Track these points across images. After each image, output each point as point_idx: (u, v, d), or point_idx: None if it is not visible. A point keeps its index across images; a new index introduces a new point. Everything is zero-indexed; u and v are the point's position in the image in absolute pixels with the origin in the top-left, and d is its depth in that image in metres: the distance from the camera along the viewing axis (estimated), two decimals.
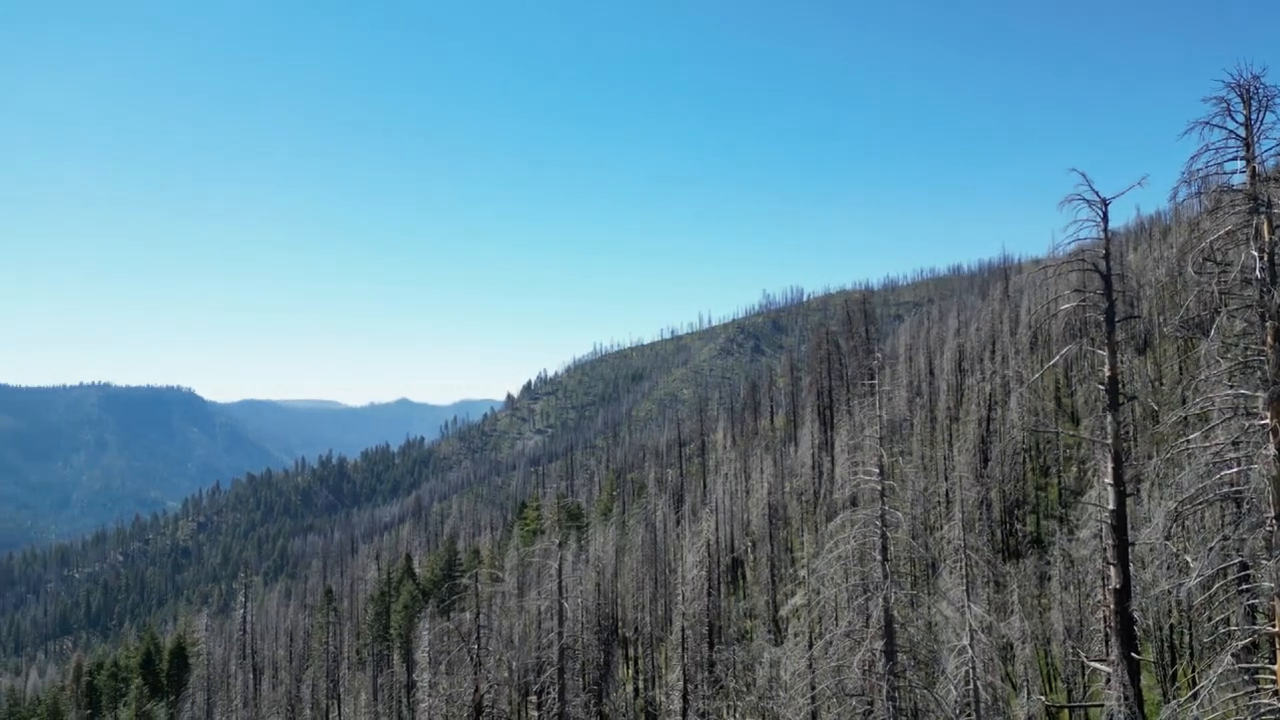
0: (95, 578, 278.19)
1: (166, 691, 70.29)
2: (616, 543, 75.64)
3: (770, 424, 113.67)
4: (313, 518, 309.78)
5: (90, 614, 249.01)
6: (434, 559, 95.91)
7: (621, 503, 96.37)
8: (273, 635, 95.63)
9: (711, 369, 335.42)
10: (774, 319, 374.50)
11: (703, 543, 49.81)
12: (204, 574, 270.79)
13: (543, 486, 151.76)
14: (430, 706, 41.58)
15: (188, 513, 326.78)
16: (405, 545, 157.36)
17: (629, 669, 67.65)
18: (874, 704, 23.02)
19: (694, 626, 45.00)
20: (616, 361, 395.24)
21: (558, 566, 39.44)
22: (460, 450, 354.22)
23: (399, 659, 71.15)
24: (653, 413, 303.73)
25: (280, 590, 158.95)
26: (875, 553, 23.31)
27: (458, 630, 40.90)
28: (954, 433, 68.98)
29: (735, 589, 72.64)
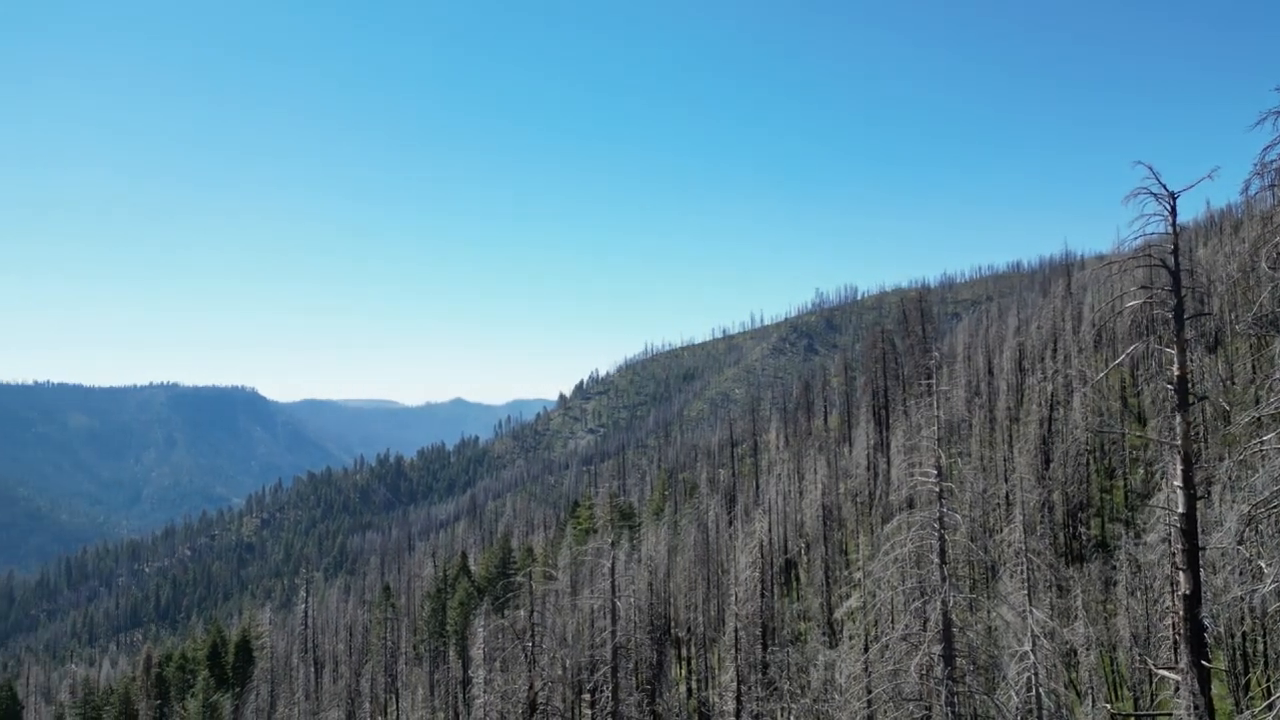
0: (164, 572, 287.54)
1: (232, 683, 72.31)
2: (669, 542, 75.60)
3: (824, 424, 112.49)
4: (371, 515, 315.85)
5: (160, 607, 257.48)
6: (488, 556, 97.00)
7: (673, 502, 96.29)
8: (333, 630, 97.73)
9: (764, 368, 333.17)
10: (827, 318, 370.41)
11: (755, 543, 49.51)
12: (267, 569, 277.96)
13: (595, 485, 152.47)
14: (486, 703, 42.09)
15: (251, 509, 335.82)
16: (460, 543, 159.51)
17: (682, 669, 67.58)
18: (932, 709, 22.65)
19: (747, 627, 44.76)
20: (668, 361, 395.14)
21: (610, 565, 39.63)
22: (513, 449, 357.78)
23: (455, 655, 72.10)
24: (704, 412, 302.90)
25: (340, 586, 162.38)
26: (933, 555, 22.92)
27: (512, 627, 41.32)
28: (1014, 433, 67.45)
29: (789, 590, 72.05)
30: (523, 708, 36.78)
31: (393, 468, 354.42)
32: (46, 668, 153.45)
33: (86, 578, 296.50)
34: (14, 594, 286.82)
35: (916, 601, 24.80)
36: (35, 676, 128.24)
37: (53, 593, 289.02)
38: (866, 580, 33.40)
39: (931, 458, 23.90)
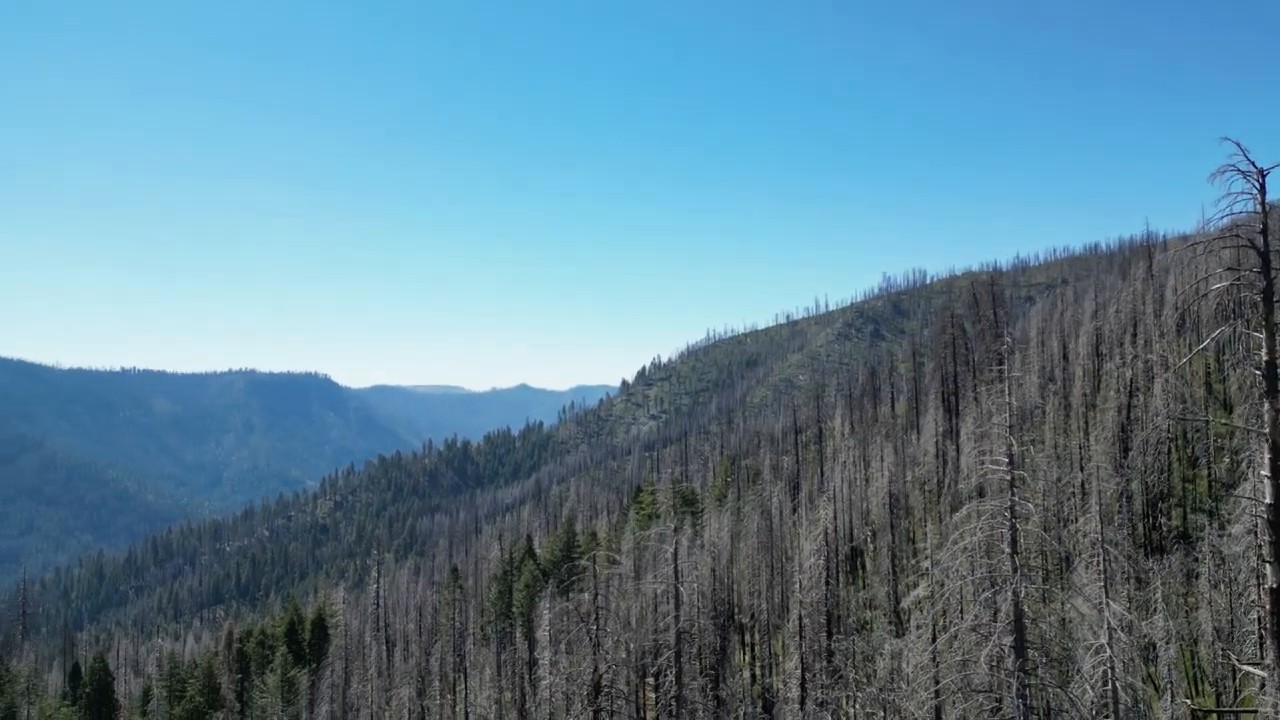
0: (244, 551, 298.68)
1: (309, 659, 74.84)
2: (731, 529, 75.47)
3: (890, 411, 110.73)
4: (439, 498, 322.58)
5: (240, 585, 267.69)
6: (553, 540, 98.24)
7: (736, 489, 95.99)
8: (403, 610, 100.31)
9: (828, 354, 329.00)
10: (894, 302, 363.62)
11: (820, 531, 49.09)
12: (340, 550, 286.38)
13: (657, 471, 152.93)
14: (551, 684, 42.76)
15: (325, 492, 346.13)
16: (526, 526, 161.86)
17: (745, 655, 67.56)
18: (1002, 701, 22.22)
19: (812, 615, 44.48)
20: (730, 347, 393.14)
21: (673, 551, 39.76)
22: (577, 434, 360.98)
23: (521, 636, 73.32)
24: (767, 399, 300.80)
25: (410, 567, 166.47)
26: (1004, 545, 22.42)
27: (577, 610, 41.81)
28: (1090, 421, 65.41)
29: (854, 579, 71.32)
30: (588, 690, 37.24)
31: (460, 452, 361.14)
32: (135, 641, 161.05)
33: (172, 556, 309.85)
34: (104, 571, 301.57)
35: (986, 592, 24.32)
36: (125, 649, 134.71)
37: (140, 570, 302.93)
38: (934, 569, 32.86)
39: (1003, 445, 23.34)
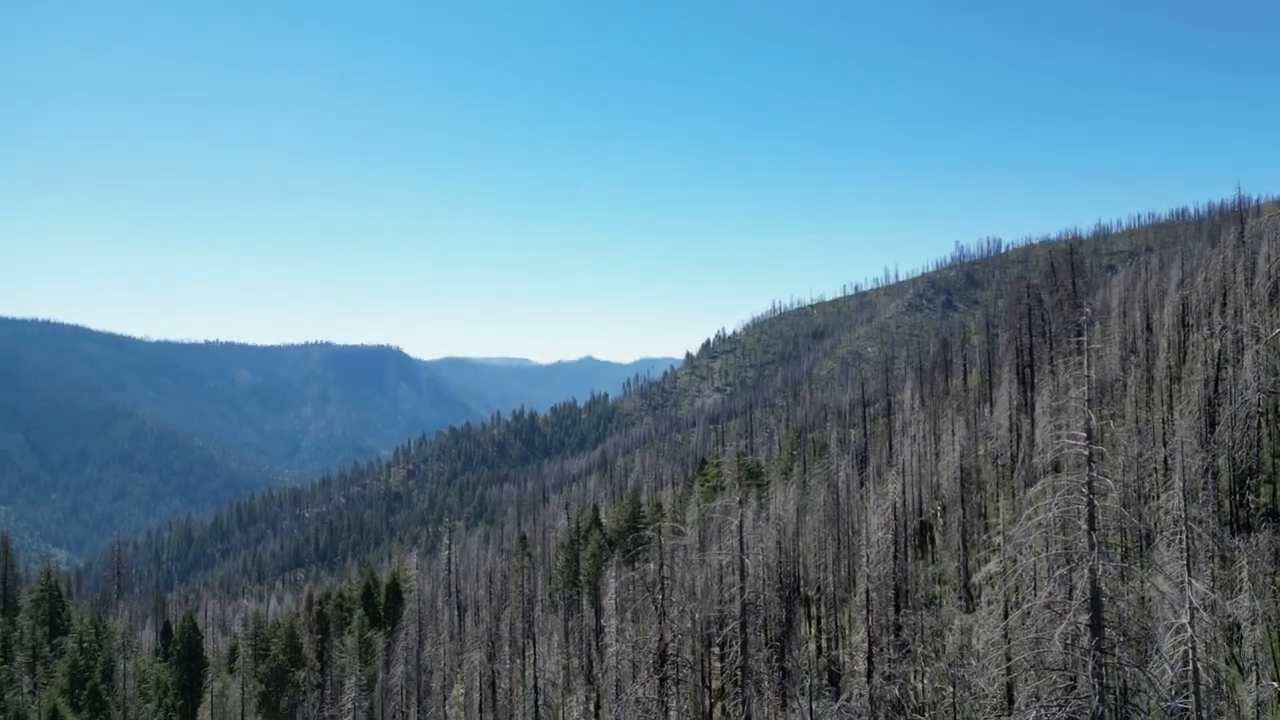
0: (322, 517, 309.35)
1: (384, 622, 77.37)
2: (797, 502, 75.05)
3: (962, 383, 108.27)
4: (507, 468, 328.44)
5: (318, 549, 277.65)
6: (619, 510, 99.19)
7: (802, 462, 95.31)
8: (474, 576, 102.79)
9: (898, 326, 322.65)
10: (968, 272, 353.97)
11: (888, 505, 48.47)
12: (413, 517, 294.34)
13: (722, 444, 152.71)
14: (618, 652, 43.39)
15: (398, 461, 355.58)
16: (592, 496, 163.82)
17: (811, 627, 67.42)
18: (1077, 679, 21.72)
19: (879, 589, 44.08)
20: (797, 319, 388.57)
21: (739, 523, 39.77)
22: (641, 407, 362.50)
23: (588, 604, 74.44)
24: (834, 371, 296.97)
25: (480, 535, 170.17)
26: (1081, 521, 21.79)
27: (642, 580, 42.25)
28: (1175, 394, 62.87)
29: (923, 553, 70.36)
30: (653, 658, 37.70)
31: (527, 423, 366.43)
32: (221, 601, 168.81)
33: (254, 521, 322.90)
34: (192, 534, 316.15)
35: (1061, 568, 23.71)
36: (212, 609, 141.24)
37: (225, 534, 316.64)
38: (1007, 545, 32.18)
39: (1081, 419, 22.60)
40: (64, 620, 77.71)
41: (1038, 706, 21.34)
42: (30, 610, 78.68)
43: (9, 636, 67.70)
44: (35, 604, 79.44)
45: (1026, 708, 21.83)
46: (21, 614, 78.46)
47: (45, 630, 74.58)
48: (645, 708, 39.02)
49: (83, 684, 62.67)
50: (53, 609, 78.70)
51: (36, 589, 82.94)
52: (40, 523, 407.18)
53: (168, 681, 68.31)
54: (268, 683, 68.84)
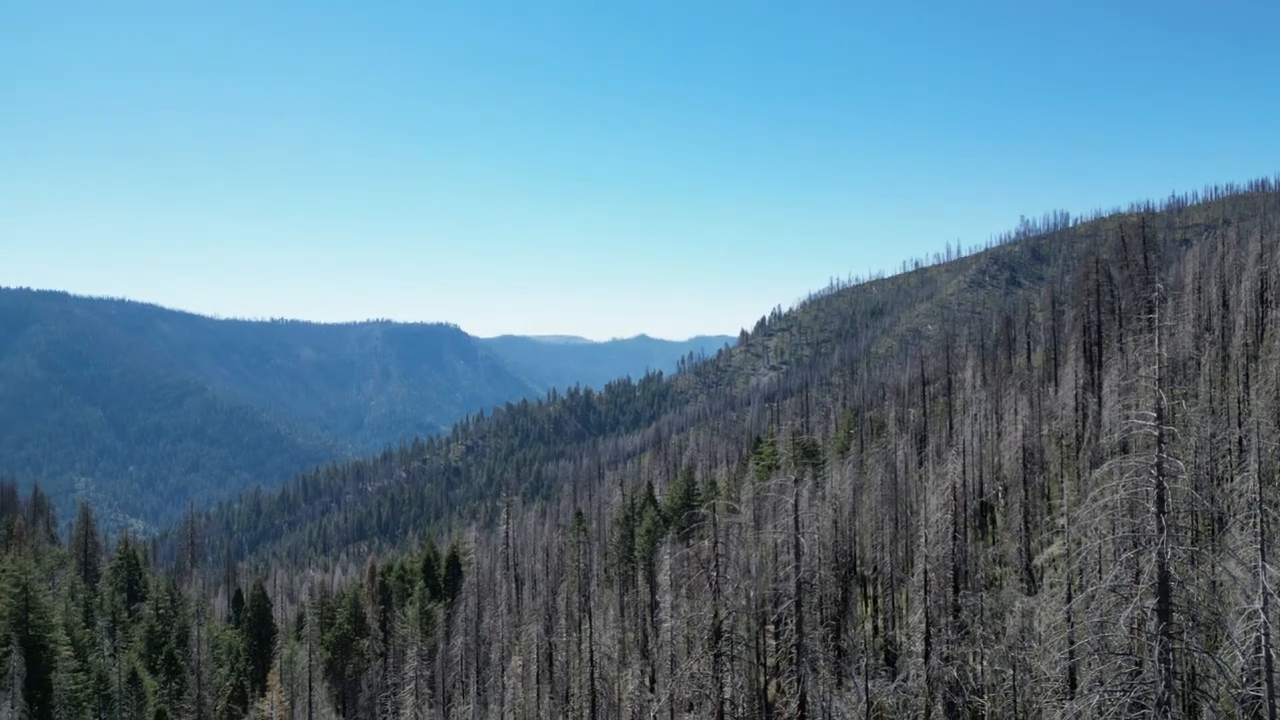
0: (384, 491, 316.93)
1: (444, 594, 79.13)
2: (854, 481, 74.34)
3: (1026, 362, 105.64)
4: (563, 445, 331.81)
5: (380, 522, 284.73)
6: (673, 488, 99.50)
7: (859, 441, 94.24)
8: (531, 550, 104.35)
9: (960, 303, 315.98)
10: (1033, 247, 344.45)
11: (948, 485, 47.70)
12: (472, 492, 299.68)
13: (777, 422, 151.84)
14: (672, 627, 43.70)
15: (457, 436, 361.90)
16: (646, 474, 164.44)
17: (868, 607, 66.97)
18: (1142, 664, 21.20)
19: (937, 570, 43.52)
20: (854, 296, 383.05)
21: (794, 502, 39.54)
22: (696, 385, 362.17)
23: (643, 580, 75.06)
24: (893, 349, 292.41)
25: (536, 510, 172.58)
26: (1149, 504, 21.17)
27: (697, 557, 42.39)
28: (1251, 373, 60.47)
29: (983, 534, 69.18)
30: (708, 634, 37.87)
31: (582, 401, 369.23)
32: (289, 571, 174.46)
33: (319, 494, 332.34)
34: (261, 506, 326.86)
35: (1128, 551, 23.11)
36: (280, 579, 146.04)
37: (292, 506, 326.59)
38: (1071, 527, 31.46)
39: (1151, 398, 21.91)
40: (141, 587, 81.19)
41: (1101, 691, 20.91)
42: (110, 577, 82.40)
43: (90, 602, 71.01)
44: (114, 571, 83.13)
45: (1089, 692, 21.41)
46: (102, 581, 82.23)
47: (124, 596, 78.06)
48: (700, 683, 39.30)
49: (159, 648, 65.47)
50: (131, 576, 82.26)
51: (115, 557, 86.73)
52: (118, 493, 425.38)
53: (239, 647, 70.96)
54: (333, 650, 71.10)
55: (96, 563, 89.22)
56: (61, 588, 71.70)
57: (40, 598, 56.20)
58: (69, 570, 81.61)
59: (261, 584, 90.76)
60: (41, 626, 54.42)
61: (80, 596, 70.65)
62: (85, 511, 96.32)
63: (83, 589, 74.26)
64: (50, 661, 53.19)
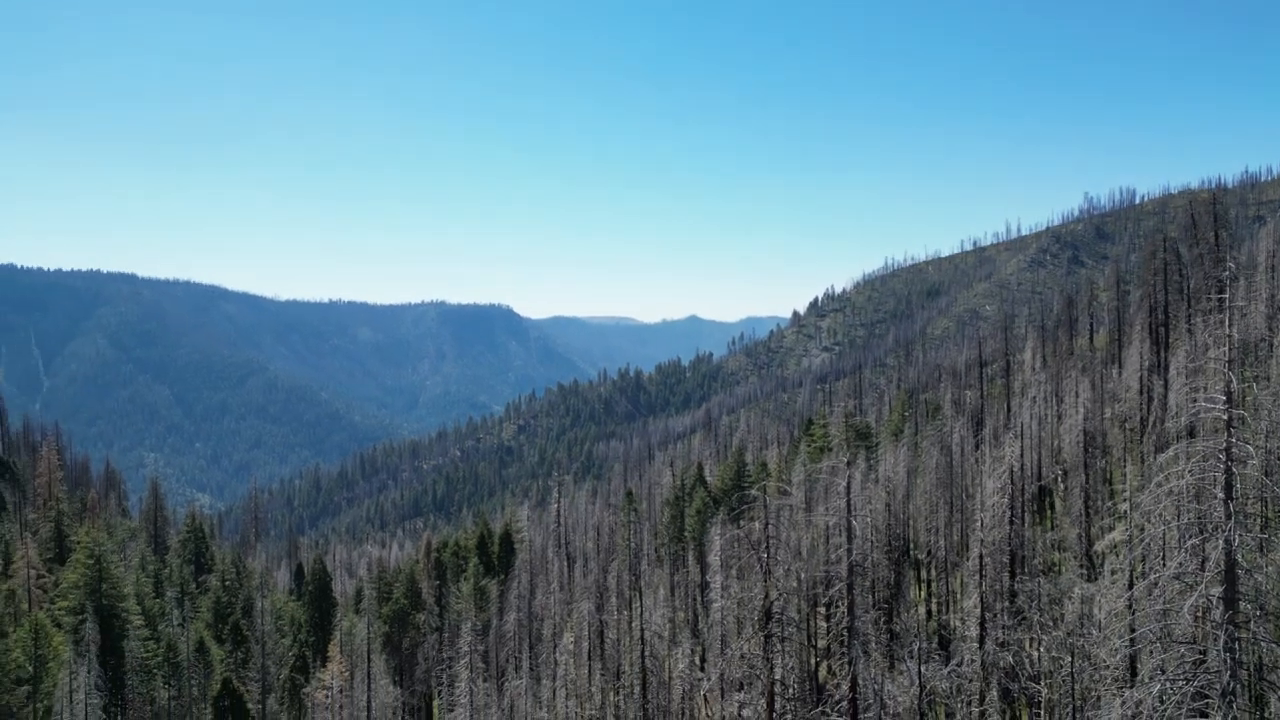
0: (439, 469, 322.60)
1: (497, 570, 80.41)
2: (908, 464, 73.38)
3: (1088, 343, 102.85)
4: (613, 425, 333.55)
5: (436, 500, 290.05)
6: (724, 469, 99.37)
7: (914, 424, 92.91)
8: (582, 529, 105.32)
9: (1019, 283, 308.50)
10: (1097, 225, 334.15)
11: (1005, 468, 46.78)
12: (524, 471, 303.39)
13: (830, 404, 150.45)
14: (722, 607, 43.81)
15: (509, 416, 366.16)
16: (696, 454, 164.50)
17: (921, 591, 66.27)
18: (1207, 654, 20.63)
19: (993, 554, 42.82)
20: (910, 276, 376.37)
21: (846, 484, 39.16)
22: (747, 366, 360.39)
23: (693, 560, 75.29)
24: (949, 330, 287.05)
25: (587, 489, 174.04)
26: (1217, 489, 20.51)
27: (747, 538, 42.33)
28: None
29: (1041, 519, 67.83)
30: (758, 615, 37.87)
31: (633, 381, 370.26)
32: (348, 546, 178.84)
33: (376, 471, 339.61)
34: (321, 483, 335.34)
35: (1194, 538, 22.44)
36: (339, 553, 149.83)
37: (350, 483, 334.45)
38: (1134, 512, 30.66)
39: (1220, 381, 21.15)
40: (208, 560, 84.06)
41: (1163, 679, 20.42)
42: (178, 550, 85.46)
43: (160, 574, 73.75)
44: (183, 544, 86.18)
45: (1151, 680, 20.92)
46: (170, 553, 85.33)
47: (191, 568, 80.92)
48: (750, 663, 39.36)
49: (225, 619, 67.80)
50: (198, 549, 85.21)
51: (183, 530, 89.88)
52: (186, 469, 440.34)
53: (301, 619, 73.12)
54: (390, 624, 72.83)
55: (165, 536, 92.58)
56: (132, 559, 74.61)
57: (113, 569, 58.57)
58: (139, 542, 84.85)
59: (321, 559, 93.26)
60: (114, 596, 56.74)
61: (150, 568, 73.41)
62: (155, 486, 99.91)
63: (152, 561, 77.16)
64: (122, 630, 55.47)
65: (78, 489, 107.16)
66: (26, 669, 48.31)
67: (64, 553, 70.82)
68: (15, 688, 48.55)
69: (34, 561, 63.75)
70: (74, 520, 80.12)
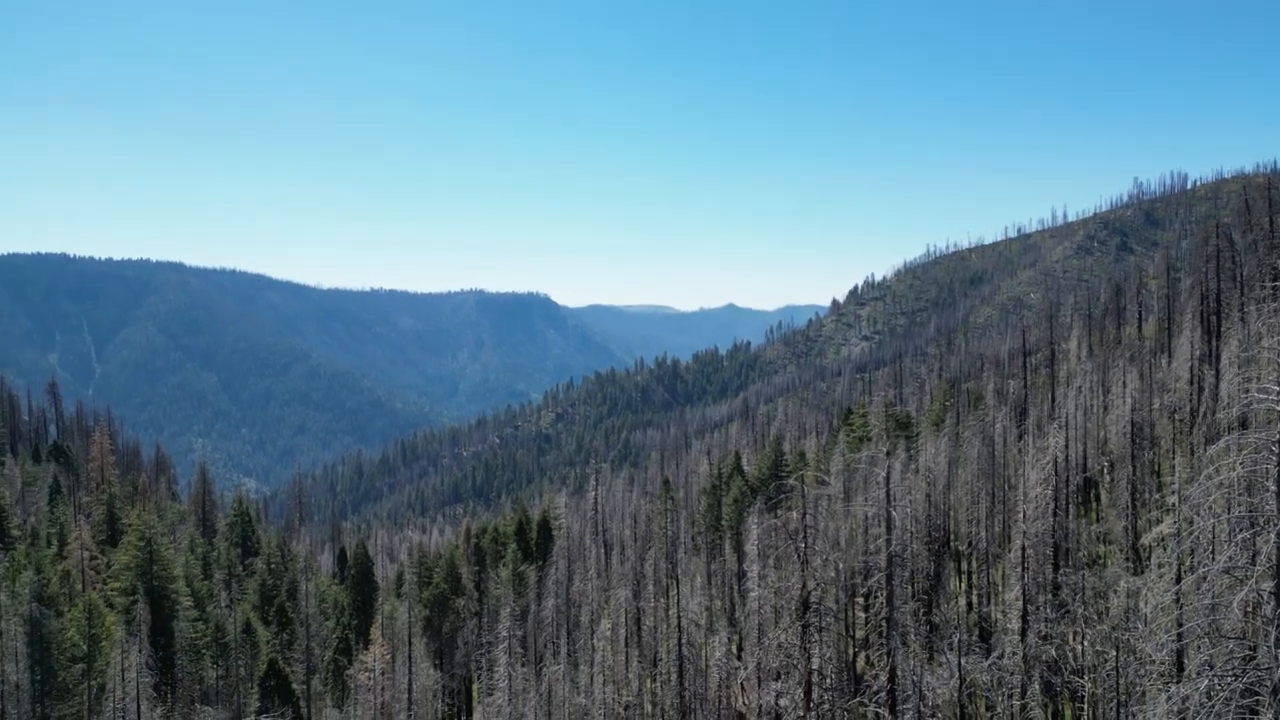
0: (478, 456, 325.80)
1: (535, 557, 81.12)
2: (949, 454, 72.45)
3: (1137, 332, 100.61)
4: (650, 413, 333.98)
5: (475, 486, 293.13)
6: (761, 458, 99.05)
7: (955, 413, 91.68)
8: (619, 517, 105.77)
9: (1065, 270, 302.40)
10: (1147, 211, 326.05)
11: (1049, 459, 46.02)
12: (562, 458, 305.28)
13: (869, 393, 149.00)
14: (760, 597, 43.74)
15: (547, 404, 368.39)
16: (734, 443, 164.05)
17: (961, 582, 65.54)
18: (1256, 649, 20.13)
19: (1036, 546, 42.18)
20: (952, 264, 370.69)
21: (885, 475, 38.81)
22: (785, 355, 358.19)
23: (730, 549, 75.24)
24: (993, 319, 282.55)
25: (624, 477, 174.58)
26: (1269, 482, 19.96)
27: (785, 527, 42.17)
28: None
29: (1085, 511, 66.63)
30: (796, 604, 37.74)
31: (669, 370, 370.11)
32: (389, 531, 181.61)
33: (417, 458, 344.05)
34: (363, 469, 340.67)
35: (1244, 532, 21.88)
36: (381, 538, 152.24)
37: (392, 469, 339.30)
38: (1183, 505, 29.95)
39: (1274, 370, 20.56)
40: (254, 543, 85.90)
41: (1211, 675, 19.99)
42: (225, 533, 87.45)
43: (208, 556, 75.58)
44: (230, 527, 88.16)
45: (1198, 676, 20.49)
46: (218, 536, 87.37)
47: (238, 551, 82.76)
48: (787, 652, 39.30)
49: (271, 601, 69.31)
50: (244, 532, 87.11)
51: (230, 514, 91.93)
52: (232, 454, 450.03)
53: (344, 602, 74.50)
54: (431, 608, 73.88)
55: (213, 519, 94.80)
56: (182, 542, 76.54)
57: (163, 551, 60.15)
58: (188, 525, 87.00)
59: (364, 543, 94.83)
60: (164, 578, 58.29)
61: (199, 550, 75.26)
62: (203, 471, 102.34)
63: (201, 544, 79.08)
64: (172, 611, 56.98)
65: (129, 473, 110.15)
66: (81, 647, 49.89)
67: (116, 535, 72.90)
68: (70, 665, 50.18)
69: (88, 543, 65.74)
70: (126, 503, 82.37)
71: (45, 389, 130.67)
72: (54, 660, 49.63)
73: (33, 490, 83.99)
